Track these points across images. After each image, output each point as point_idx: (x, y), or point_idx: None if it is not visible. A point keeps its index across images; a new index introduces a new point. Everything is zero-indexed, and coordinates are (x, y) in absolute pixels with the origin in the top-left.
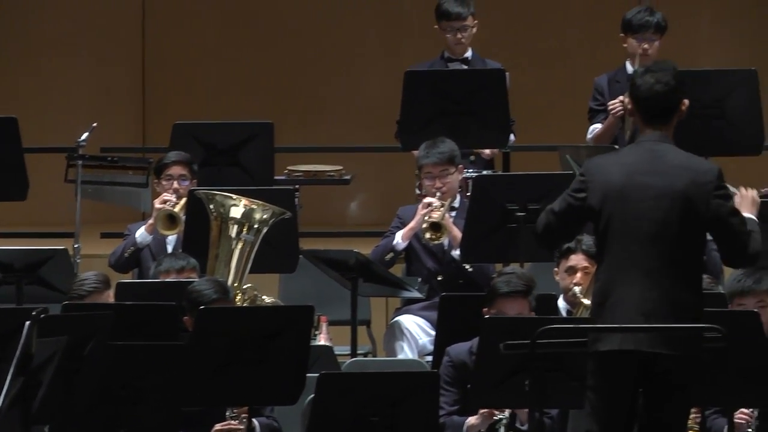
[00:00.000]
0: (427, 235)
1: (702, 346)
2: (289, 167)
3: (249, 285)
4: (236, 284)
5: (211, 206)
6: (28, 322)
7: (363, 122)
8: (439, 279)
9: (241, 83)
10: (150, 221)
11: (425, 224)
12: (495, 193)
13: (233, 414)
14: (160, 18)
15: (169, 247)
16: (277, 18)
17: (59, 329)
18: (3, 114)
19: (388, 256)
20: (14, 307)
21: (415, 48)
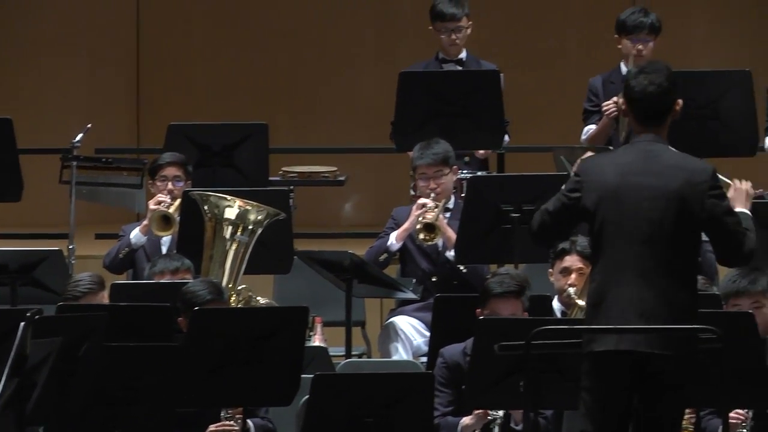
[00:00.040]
0: (421, 236)
1: (697, 347)
2: (284, 168)
3: (243, 286)
4: (231, 285)
5: (206, 207)
6: (23, 323)
7: (357, 123)
8: (434, 280)
9: (236, 84)
10: (144, 222)
11: (419, 225)
12: (489, 194)
13: (228, 415)
14: (155, 19)
15: (164, 248)
16: (272, 19)
17: (54, 330)
18: None
19: (383, 257)
20: (9, 308)
21: (410, 49)
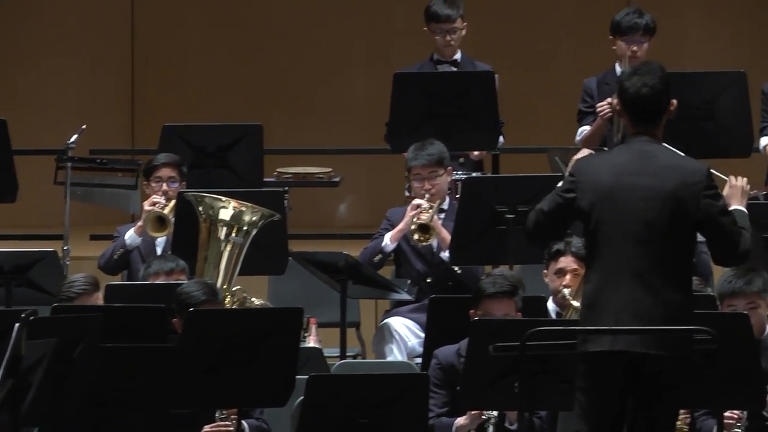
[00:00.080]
0: (416, 237)
1: (692, 348)
2: (279, 169)
3: (238, 287)
4: (225, 286)
5: (200, 208)
6: (18, 324)
7: (352, 124)
8: (428, 281)
9: (231, 85)
10: (139, 223)
11: (414, 226)
12: (484, 195)
13: (223, 415)
14: (150, 20)
15: (159, 249)
16: (267, 20)
17: (48, 331)
18: None
19: (377, 258)
20: (3, 309)
21: (404, 50)
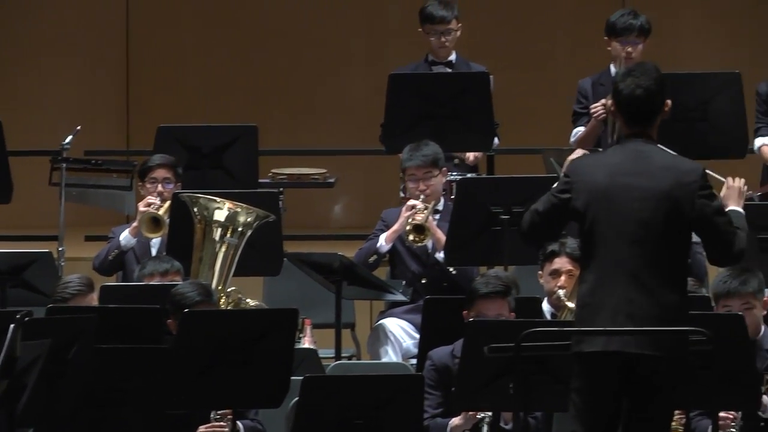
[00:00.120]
0: (411, 238)
1: (688, 348)
2: (273, 170)
3: (233, 288)
4: (220, 287)
5: (195, 209)
6: (13, 325)
7: (347, 125)
8: (423, 282)
9: (225, 86)
10: (134, 224)
11: (409, 226)
12: (479, 196)
13: (217, 416)
14: (144, 21)
15: (154, 250)
16: (262, 21)
17: (43, 332)
18: None
19: (372, 259)
20: None
21: (399, 51)
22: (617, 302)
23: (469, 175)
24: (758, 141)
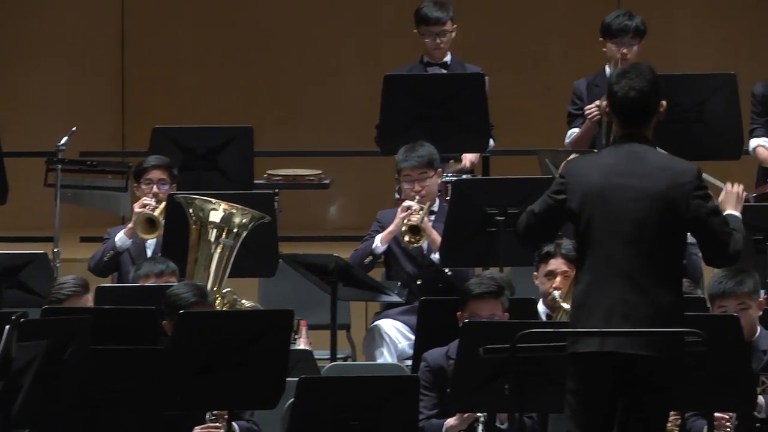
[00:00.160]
0: (406, 239)
1: (683, 349)
2: (269, 171)
3: (228, 289)
4: (215, 288)
5: (191, 210)
6: (8, 326)
7: (342, 126)
8: (419, 283)
9: (221, 87)
10: (129, 225)
11: (404, 227)
12: (474, 197)
13: (213, 417)
14: (140, 22)
15: (149, 251)
16: (257, 22)
17: (39, 333)
18: None
19: (368, 260)
20: None
21: (395, 52)
22: (612, 303)
23: (465, 177)
24: (753, 142)
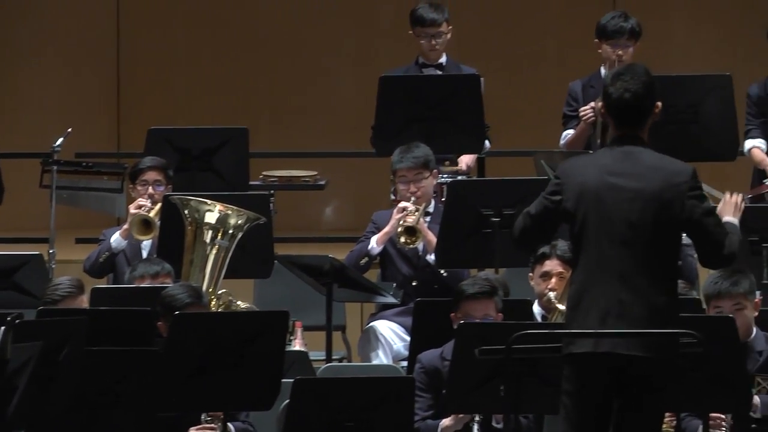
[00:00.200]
0: (402, 240)
1: (678, 350)
2: (264, 172)
3: (224, 290)
4: (211, 289)
5: (186, 211)
6: (3, 328)
7: (338, 127)
8: (414, 284)
9: (216, 88)
10: (125, 226)
11: (400, 228)
12: (469, 198)
13: (208, 418)
14: (135, 23)
15: (144, 253)
16: (252, 23)
17: (34, 334)
18: None
19: (363, 261)
20: None
21: (390, 53)
22: (607, 303)
23: (460, 178)
24: (748, 143)
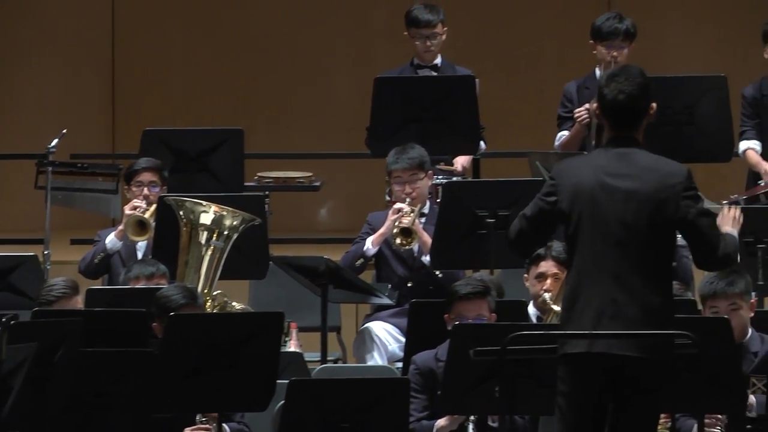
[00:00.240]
0: (398, 241)
1: (673, 351)
2: (259, 173)
3: (219, 291)
4: (206, 290)
5: (181, 212)
6: None
7: (333, 129)
8: (409, 285)
9: (211, 89)
10: (120, 227)
11: (395, 230)
12: (465, 199)
13: (203, 419)
14: (130, 24)
15: (139, 254)
16: (247, 24)
17: (29, 335)
18: None
19: (358, 262)
20: None
21: (385, 55)
22: (601, 303)
23: (455, 179)
24: (743, 144)
